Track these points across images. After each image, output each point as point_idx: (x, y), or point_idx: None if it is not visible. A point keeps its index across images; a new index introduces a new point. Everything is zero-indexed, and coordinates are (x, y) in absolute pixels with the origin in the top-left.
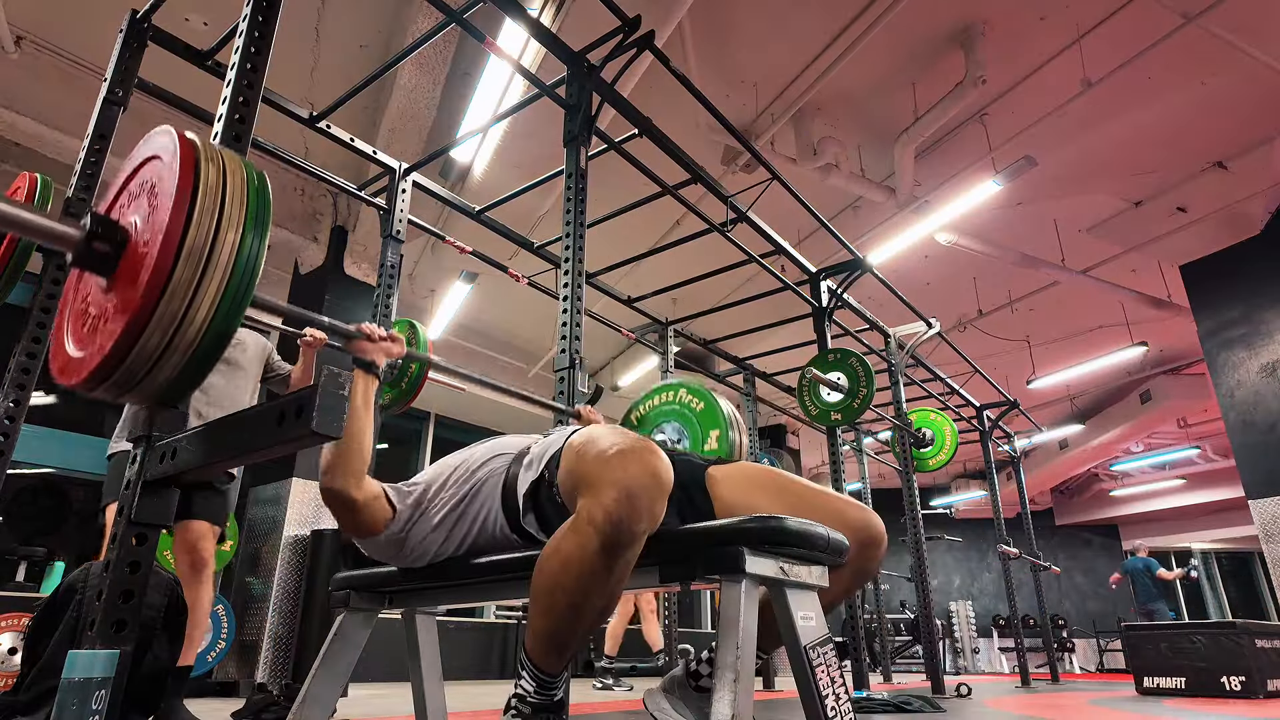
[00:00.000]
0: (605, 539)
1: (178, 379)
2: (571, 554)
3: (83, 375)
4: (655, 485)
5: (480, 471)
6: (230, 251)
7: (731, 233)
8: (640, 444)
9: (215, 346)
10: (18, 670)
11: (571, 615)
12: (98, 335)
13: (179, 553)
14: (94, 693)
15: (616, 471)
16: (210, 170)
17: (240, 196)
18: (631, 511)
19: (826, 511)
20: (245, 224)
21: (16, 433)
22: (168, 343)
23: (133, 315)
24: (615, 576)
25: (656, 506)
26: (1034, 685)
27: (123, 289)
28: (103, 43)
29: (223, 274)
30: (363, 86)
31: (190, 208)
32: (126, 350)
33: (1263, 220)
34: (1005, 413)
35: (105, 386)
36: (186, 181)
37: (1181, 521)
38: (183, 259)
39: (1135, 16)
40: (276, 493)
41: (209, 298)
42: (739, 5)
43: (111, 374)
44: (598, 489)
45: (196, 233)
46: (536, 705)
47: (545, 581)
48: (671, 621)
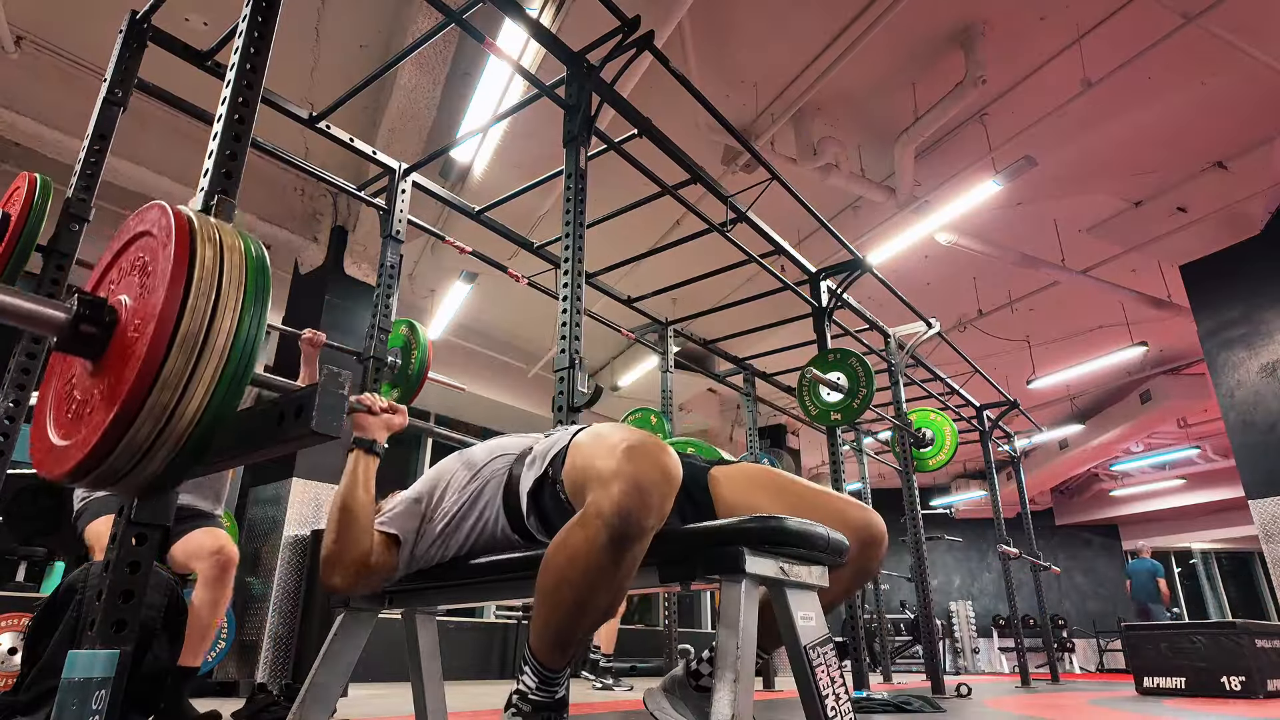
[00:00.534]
0: (614, 532)
1: (165, 472)
2: (579, 547)
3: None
4: (665, 481)
5: (482, 473)
6: (228, 336)
7: (731, 233)
8: (650, 440)
9: (208, 437)
10: (18, 670)
11: (577, 610)
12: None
13: (201, 560)
14: (94, 693)
15: (626, 466)
16: (208, 250)
17: (239, 275)
18: (641, 505)
19: (827, 511)
20: (244, 304)
21: (16, 433)
22: (157, 435)
23: (121, 406)
24: (622, 571)
25: (666, 503)
26: (1034, 685)
27: (111, 375)
28: (103, 43)
29: (219, 360)
30: (363, 86)
31: (185, 290)
32: (114, 443)
33: (1263, 220)
34: (1005, 413)
35: (90, 479)
36: (181, 262)
37: (1181, 521)
38: (176, 346)
39: (1135, 16)
40: (276, 493)
41: (203, 386)
42: (739, 5)
43: (97, 467)
44: (607, 483)
45: (191, 318)
46: (538, 703)
47: (551, 575)
48: (671, 621)
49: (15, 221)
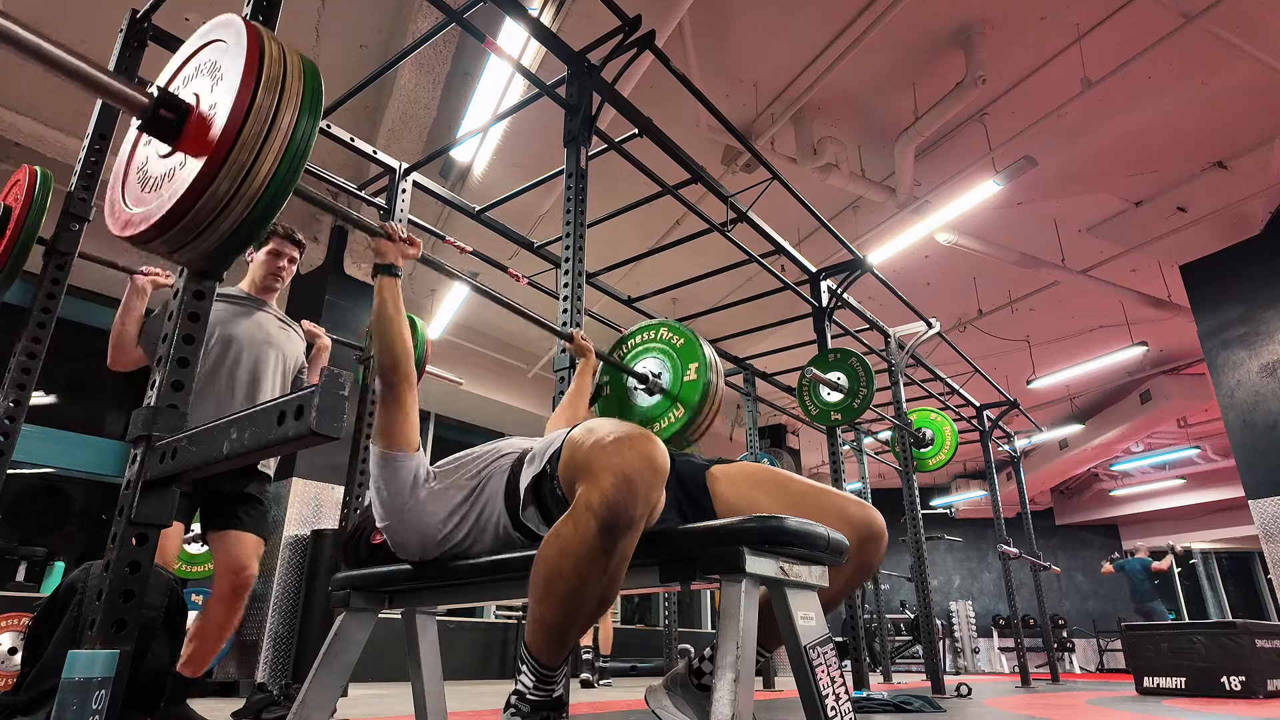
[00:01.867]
0: (603, 523)
1: (237, 232)
2: (570, 539)
3: (150, 222)
4: (651, 471)
5: (486, 469)
6: (291, 119)
7: (731, 232)
8: (637, 432)
9: (275, 202)
10: (18, 670)
11: (570, 604)
12: (165, 187)
13: (221, 571)
14: (94, 693)
15: (614, 457)
16: (274, 48)
17: (299, 74)
18: (629, 496)
19: (828, 508)
20: (303, 101)
21: (16, 433)
22: (235, 190)
23: (206, 162)
24: (614, 563)
25: (653, 493)
26: (1034, 685)
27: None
28: (103, 43)
29: (285, 135)
30: (363, 86)
31: (257, 80)
32: (197, 196)
33: (1263, 220)
34: (1005, 413)
35: (170, 234)
36: (254, 54)
37: (1181, 521)
38: (251, 117)
39: (1135, 16)
40: (276, 492)
41: (273, 153)
42: (739, 5)
43: (180, 219)
44: (595, 475)
45: (263, 98)
46: (536, 703)
47: (544, 569)
48: (671, 621)
49: (17, 215)
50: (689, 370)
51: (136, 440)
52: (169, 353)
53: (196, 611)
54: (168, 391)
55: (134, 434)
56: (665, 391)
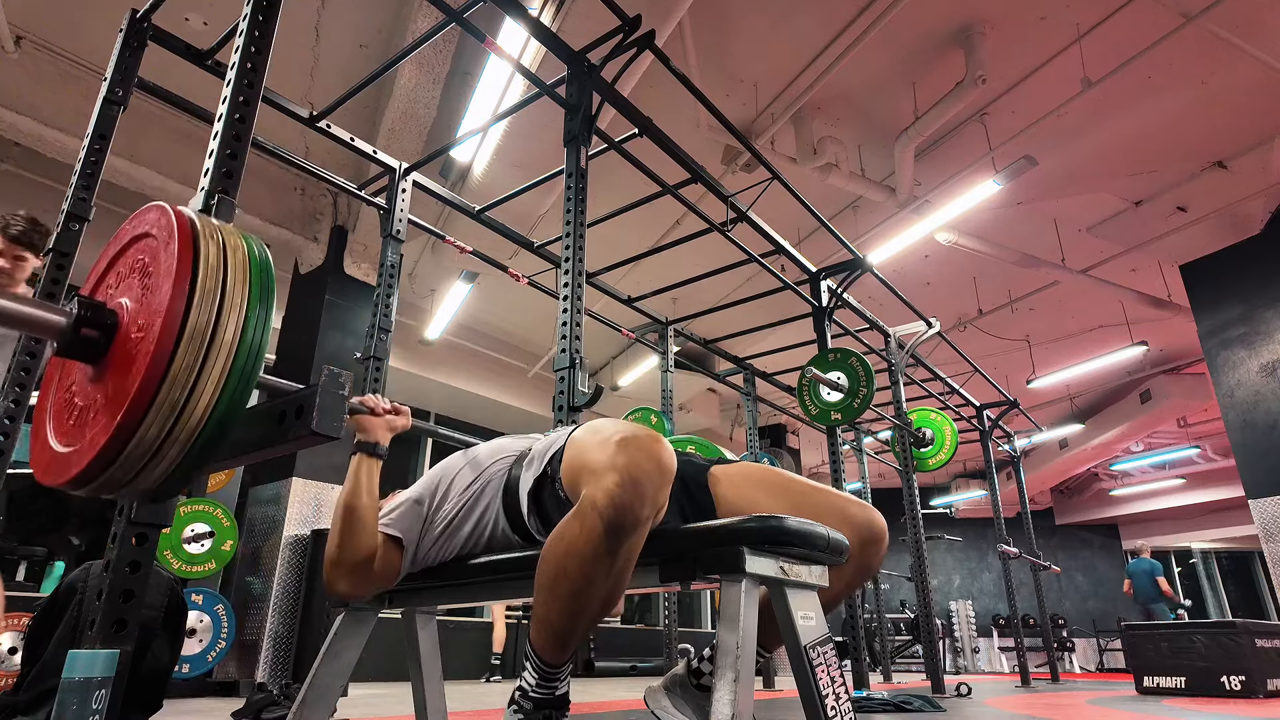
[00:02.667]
0: (608, 523)
1: (174, 474)
2: (575, 539)
3: (72, 473)
4: (658, 471)
5: (482, 475)
6: (235, 332)
7: (731, 232)
8: (643, 431)
9: (218, 436)
10: (18, 670)
11: (575, 603)
12: (87, 429)
13: None
14: (94, 692)
15: (620, 457)
16: (211, 249)
17: (243, 274)
18: (635, 496)
19: (828, 509)
20: (249, 302)
21: (16, 433)
22: (167, 434)
23: (130, 404)
24: (619, 563)
25: (660, 493)
26: (1034, 685)
27: (115, 377)
28: (103, 43)
29: (227, 356)
30: (363, 86)
31: (191, 290)
32: (123, 443)
33: (1263, 220)
34: (1005, 412)
35: (96, 485)
36: (185, 263)
37: (1181, 521)
38: (184, 344)
39: (1135, 16)
40: (276, 493)
41: (213, 382)
42: (739, 5)
43: (105, 470)
44: (600, 475)
45: (198, 314)
46: (538, 700)
47: (549, 568)
48: (671, 621)
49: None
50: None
51: None
52: None
53: (196, 611)
54: None
55: None
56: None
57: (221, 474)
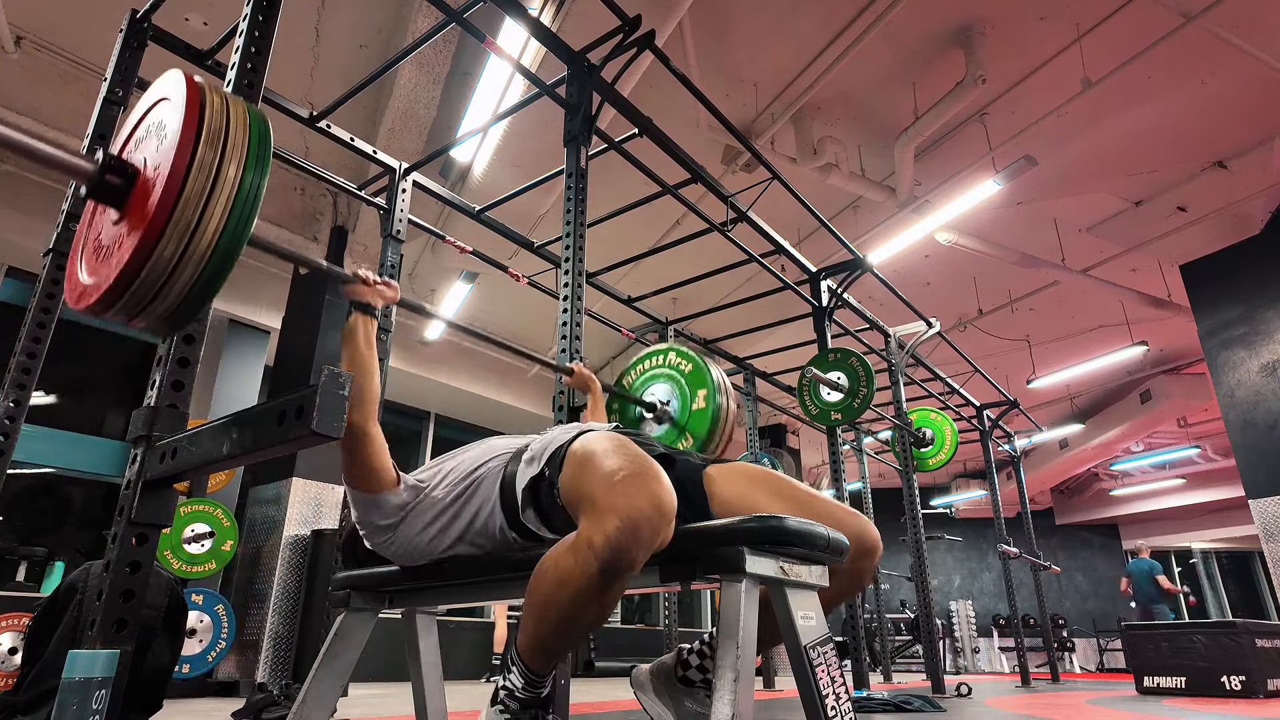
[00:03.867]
0: (605, 565)
1: (189, 294)
2: (569, 573)
3: (100, 292)
4: (659, 516)
5: (477, 471)
6: (236, 172)
7: (732, 232)
8: (645, 471)
9: (225, 260)
10: (18, 670)
11: (563, 628)
12: (113, 256)
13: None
14: (94, 692)
15: (620, 500)
16: (215, 100)
17: (243, 126)
18: (634, 541)
19: (823, 517)
20: (248, 153)
21: (16, 433)
22: (181, 252)
23: (147, 226)
24: (610, 597)
25: (658, 536)
26: (1034, 685)
27: (136, 210)
28: (103, 43)
29: (230, 189)
30: (363, 86)
31: (198, 132)
32: (142, 262)
33: (1263, 220)
34: (1005, 412)
35: (120, 305)
36: (194, 109)
37: (1181, 521)
38: (193, 173)
39: (1135, 16)
40: (276, 493)
41: (219, 209)
42: (739, 5)
43: (127, 288)
44: (601, 515)
45: (205, 152)
46: (524, 701)
47: (540, 594)
48: (671, 621)
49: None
50: (697, 398)
51: (136, 440)
52: (169, 353)
53: (196, 611)
54: (168, 391)
55: (134, 434)
56: (674, 421)
57: (221, 474)
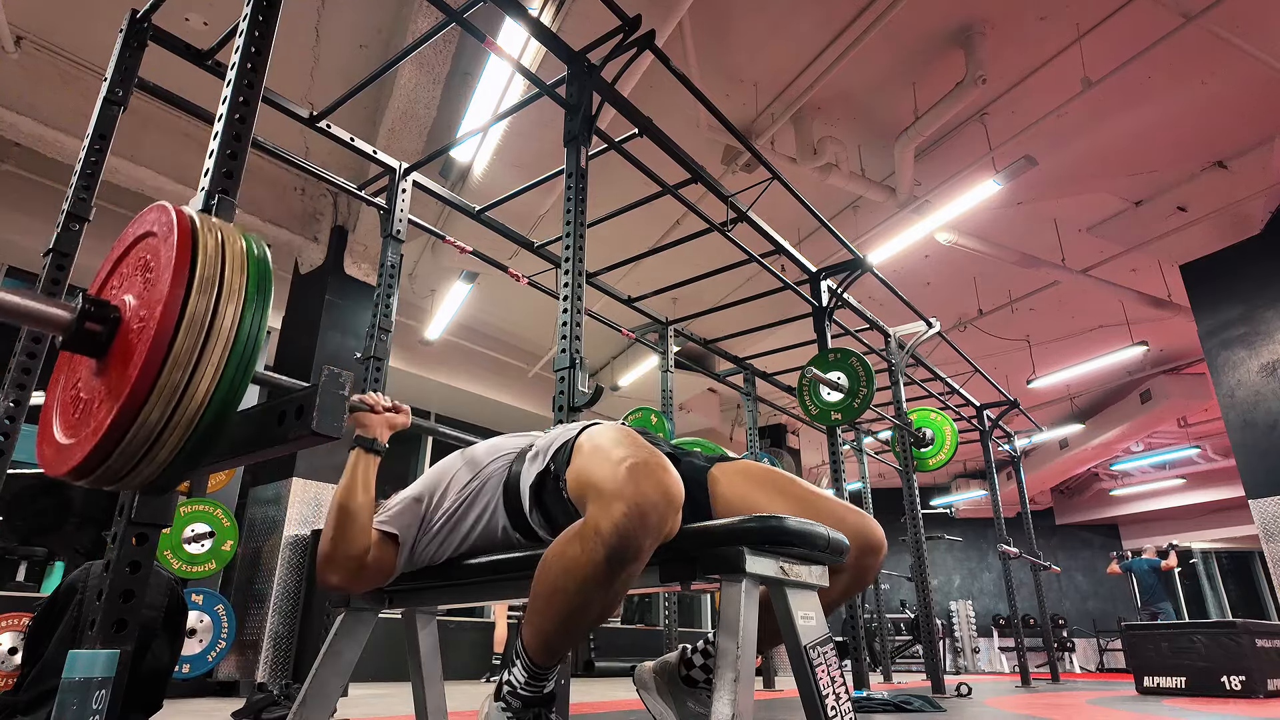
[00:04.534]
0: (611, 552)
1: (176, 460)
2: (576, 561)
3: (75, 461)
4: (666, 503)
5: (482, 472)
6: (233, 322)
7: (732, 232)
8: (653, 459)
9: (219, 422)
10: (18, 670)
11: (569, 619)
12: (90, 419)
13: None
14: (94, 692)
15: (628, 487)
16: (209, 241)
17: (240, 267)
18: (641, 528)
19: (826, 515)
20: (247, 296)
21: (16, 433)
22: (168, 418)
23: (131, 387)
24: (617, 587)
25: (665, 524)
26: (1034, 685)
27: (117, 368)
28: (103, 43)
29: (225, 343)
30: (363, 86)
31: (190, 278)
32: (125, 427)
33: (1263, 220)
34: (1005, 412)
35: (99, 473)
36: (184, 253)
37: (1181, 521)
38: (184, 328)
39: (1135, 16)
40: (276, 493)
41: (213, 366)
42: (739, 5)
43: (107, 457)
44: (608, 501)
45: (198, 301)
46: (527, 698)
47: (546, 583)
48: (671, 621)
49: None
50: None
51: None
52: None
53: (196, 611)
54: None
55: None
56: None
57: (221, 474)
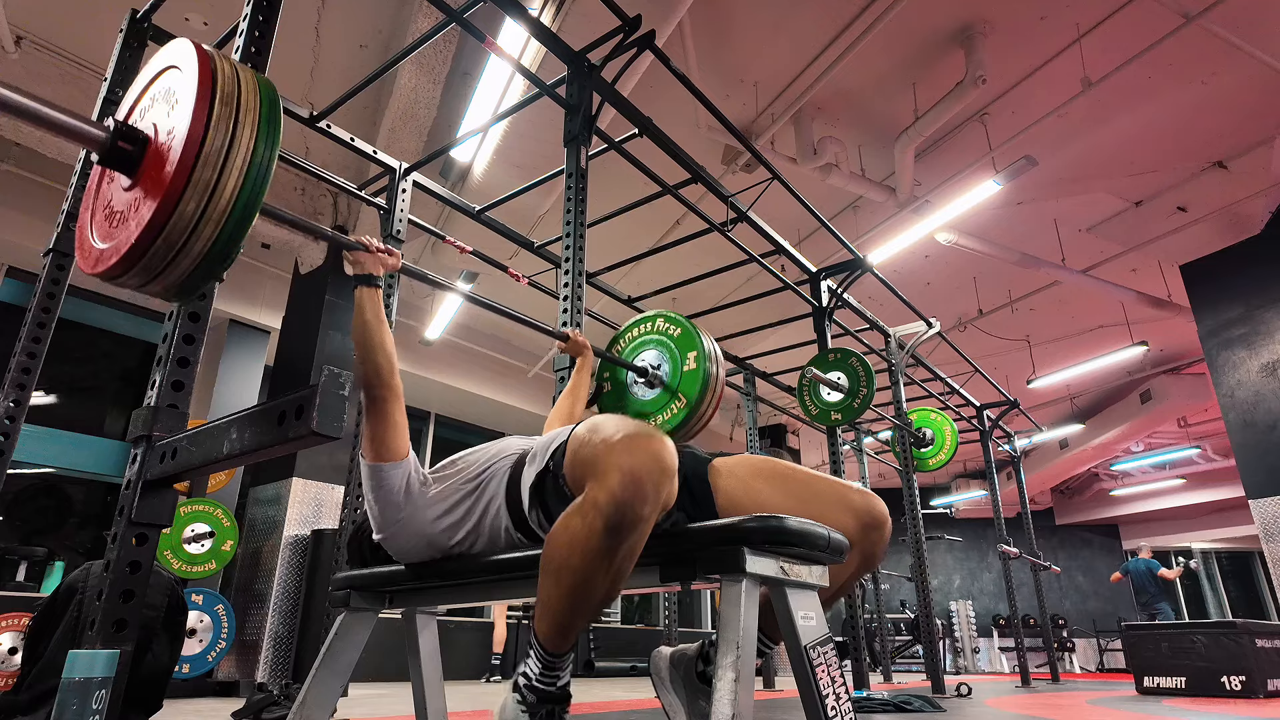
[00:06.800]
0: (609, 521)
1: (209, 254)
2: (577, 534)
3: (119, 255)
4: (659, 469)
5: (486, 470)
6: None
7: (732, 232)
8: (644, 429)
9: (244, 219)
10: (18, 670)
11: (576, 595)
12: (130, 220)
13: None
14: (94, 692)
15: (622, 457)
16: (225, 66)
17: (254, 89)
18: (636, 495)
19: (830, 496)
20: (260, 119)
21: (16, 433)
22: (202, 211)
23: (169, 186)
24: (619, 559)
25: (661, 491)
26: (1034, 685)
27: (151, 174)
28: (103, 43)
29: (245, 153)
30: (363, 86)
31: (212, 97)
32: (163, 221)
33: (1263, 220)
34: (1005, 412)
35: (139, 266)
36: (206, 77)
37: (1181, 521)
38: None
39: (1135, 16)
40: (276, 493)
41: (237, 169)
42: (739, 5)
43: (148, 249)
44: (603, 473)
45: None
46: (541, 694)
47: (553, 559)
48: (671, 621)
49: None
50: (688, 360)
51: (136, 440)
52: (169, 353)
53: (196, 611)
54: (168, 391)
55: (134, 434)
56: (664, 384)
57: (221, 474)
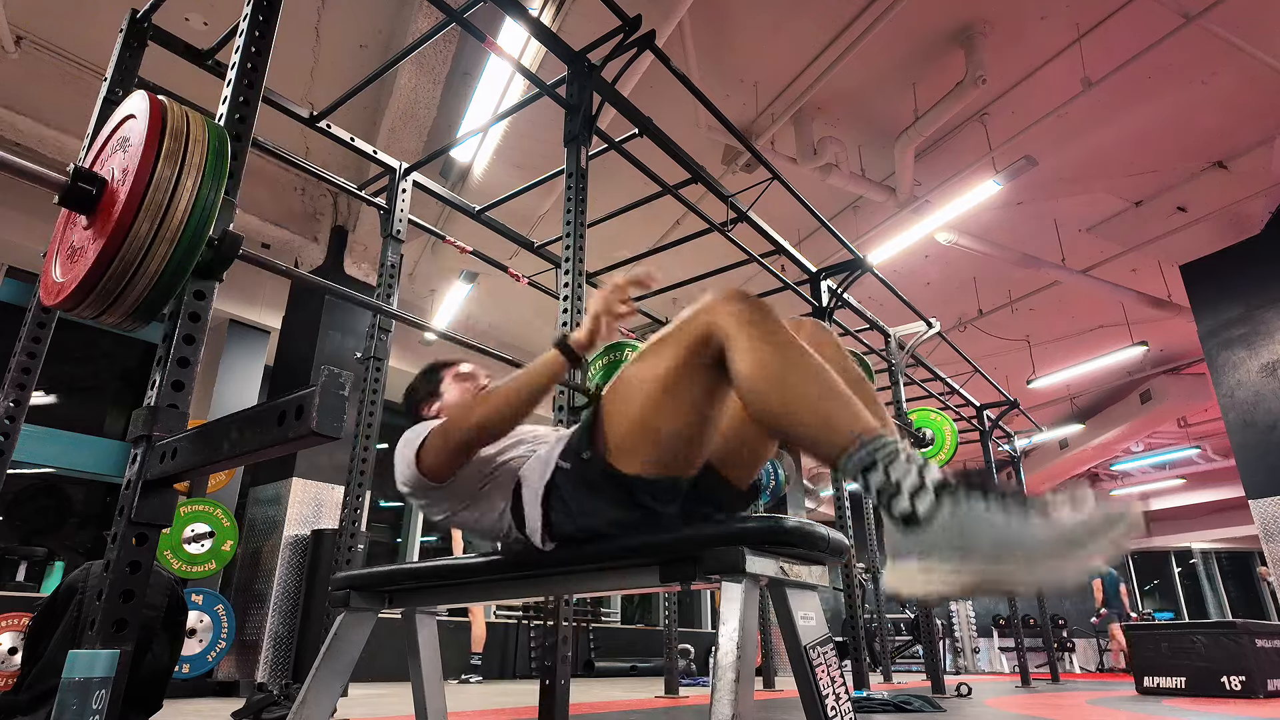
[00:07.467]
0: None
1: (154, 289)
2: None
3: (72, 288)
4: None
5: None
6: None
7: (732, 232)
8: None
9: (185, 259)
10: (18, 670)
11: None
12: (87, 253)
13: None
14: (94, 692)
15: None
16: (176, 112)
17: (200, 146)
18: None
19: None
20: (205, 170)
21: (16, 433)
22: (142, 256)
23: (113, 228)
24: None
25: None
26: (1034, 685)
27: (105, 214)
28: (103, 43)
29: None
30: (363, 86)
31: (160, 143)
32: (109, 259)
33: (1263, 220)
34: (1005, 412)
35: (92, 297)
36: (156, 124)
37: (1181, 521)
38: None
39: (1135, 16)
40: (276, 493)
41: (177, 217)
42: (739, 5)
43: (96, 284)
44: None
45: (167, 155)
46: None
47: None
48: (671, 621)
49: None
50: None
51: (136, 440)
52: (169, 352)
53: (196, 611)
54: (168, 391)
55: (134, 434)
56: None
57: (221, 474)
